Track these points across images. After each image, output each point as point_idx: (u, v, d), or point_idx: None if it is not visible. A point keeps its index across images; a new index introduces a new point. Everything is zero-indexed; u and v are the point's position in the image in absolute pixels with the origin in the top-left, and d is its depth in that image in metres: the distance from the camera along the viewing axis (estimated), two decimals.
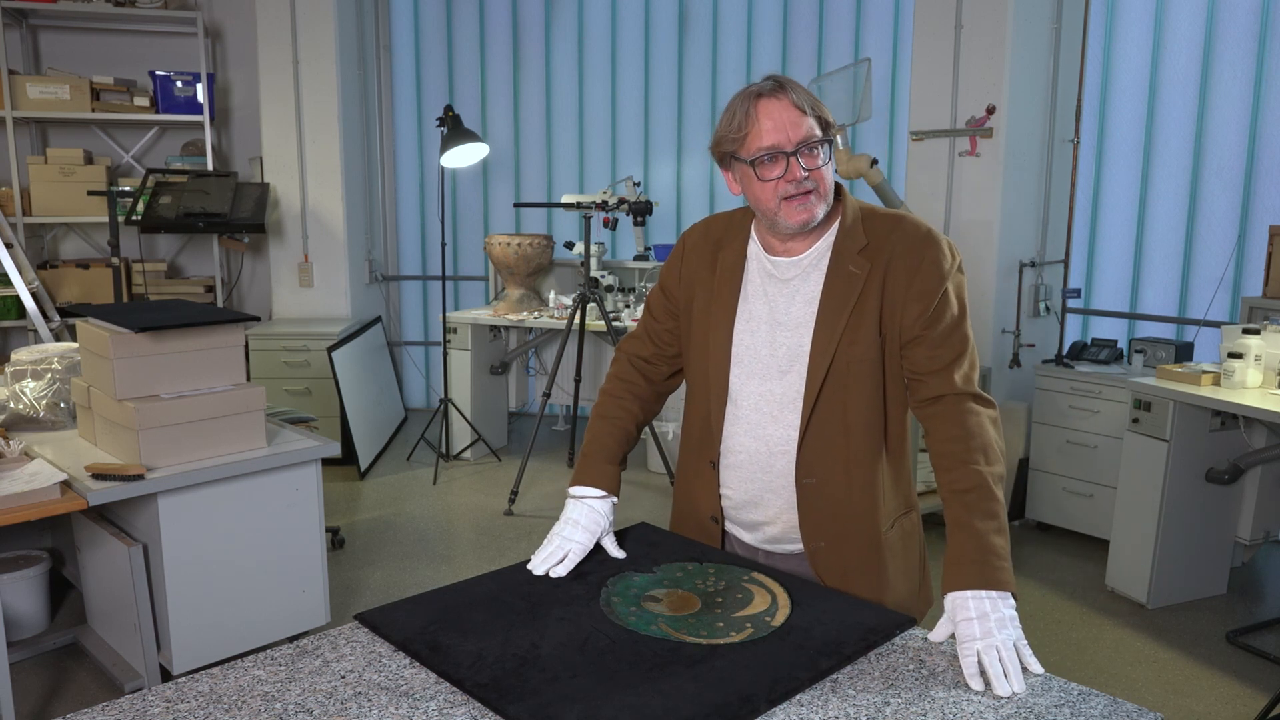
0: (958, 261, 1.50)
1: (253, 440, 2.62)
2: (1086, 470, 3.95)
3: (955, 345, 1.47)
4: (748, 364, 1.54)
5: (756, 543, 1.62)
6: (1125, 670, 2.99)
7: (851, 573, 1.53)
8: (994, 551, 1.34)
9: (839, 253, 1.49)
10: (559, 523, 1.55)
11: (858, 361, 1.47)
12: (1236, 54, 4.02)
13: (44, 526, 3.18)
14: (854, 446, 1.50)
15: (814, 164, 1.42)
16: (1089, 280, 4.61)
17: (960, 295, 1.49)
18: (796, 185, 1.42)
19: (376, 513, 4.35)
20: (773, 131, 1.40)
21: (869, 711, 1.13)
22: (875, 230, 1.50)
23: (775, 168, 1.42)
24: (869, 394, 1.49)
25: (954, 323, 1.47)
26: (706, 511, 1.63)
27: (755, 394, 1.53)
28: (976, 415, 1.45)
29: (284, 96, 5.28)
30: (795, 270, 1.52)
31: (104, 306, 2.74)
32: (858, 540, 1.53)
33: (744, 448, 1.55)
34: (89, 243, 5.54)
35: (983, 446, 1.42)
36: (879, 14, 5.12)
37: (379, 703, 1.13)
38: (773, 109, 1.41)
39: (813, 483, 1.51)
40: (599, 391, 1.72)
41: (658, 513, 4.34)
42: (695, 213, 5.68)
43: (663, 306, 1.67)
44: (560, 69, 5.77)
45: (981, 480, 1.40)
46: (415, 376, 6.28)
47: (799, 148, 1.41)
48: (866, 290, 1.47)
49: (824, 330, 1.47)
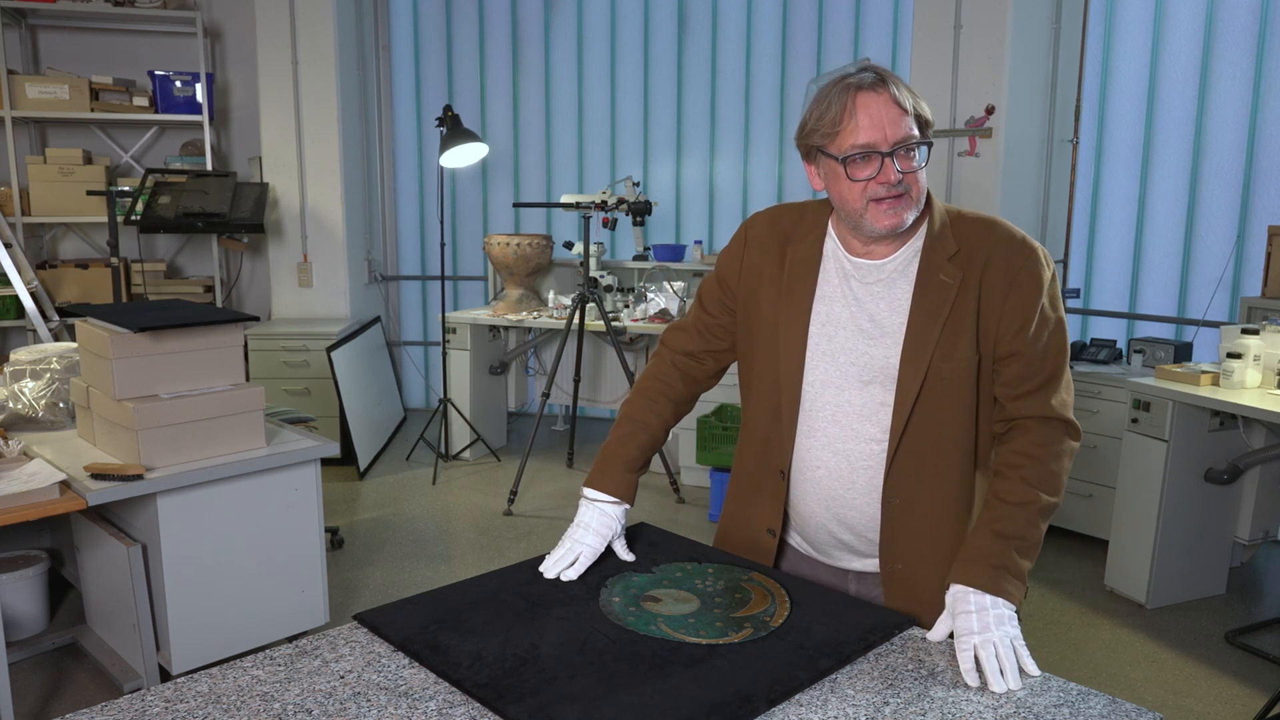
0: (1053, 271, 1.41)
1: (252, 440, 2.62)
2: (1086, 470, 3.95)
3: (1051, 363, 1.39)
4: (824, 370, 1.45)
5: (835, 562, 1.55)
6: (1124, 670, 2.99)
7: (926, 594, 1.43)
8: (1013, 568, 1.32)
9: (928, 259, 1.40)
10: (572, 525, 1.53)
11: (952, 377, 1.39)
12: (1236, 54, 4.02)
13: (43, 526, 3.18)
14: (945, 466, 1.43)
15: (910, 166, 1.34)
16: (1088, 280, 4.61)
17: (1057, 308, 1.41)
18: (889, 188, 1.34)
19: (376, 513, 4.35)
20: (869, 129, 1.32)
21: (868, 711, 1.13)
22: (966, 236, 1.41)
23: (868, 167, 1.33)
24: (962, 411, 1.42)
25: (1052, 339, 1.39)
26: (763, 524, 1.55)
27: (833, 404, 1.45)
28: (1058, 444, 1.39)
29: (283, 96, 5.28)
30: (879, 275, 1.43)
31: (103, 306, 2.74)
32: (940, 562, 1.43)
33: (822, 462, 1.47)
34: (88, 243, 5.54)
35: (1051, 474, 1.37)
36: (878, 14, 5.12)
37: (378, 703, 1.13)
38: (872, 104, 1.32)
39: (899, 503, 1.44)
40: (633, 388, 1.64)
41: (658, 513, 4.34)
42: (695, 213, 5.68)
43: (717, 300, 1.58)
44: (560, 69, 5.77)
45: (1032, 500, 1.35)
46: (414, 376, 6.28)
47: (896, 148, 1.32)
48: (960, 301, 1.38)
49: (916, 342, 1.39)
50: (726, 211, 5.59)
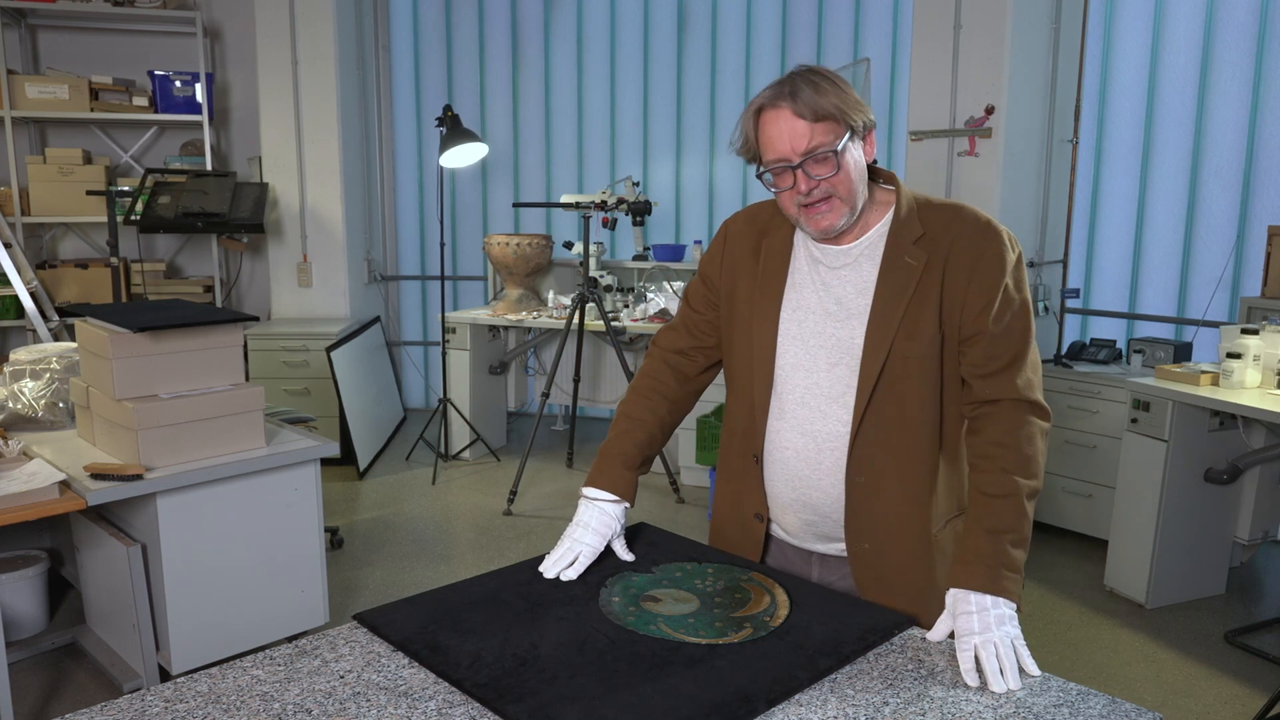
0: (1019, 254, 1.44)
1: (252, 440, 2.62)
2: (1085, 470, 3.95)
3: (1015, 343, 1.42)
4: (795, 354, 1.48)
5: (802, 543, 1.57)
6: (1124, 670, 2.99)
7: (894, 575, 1.48)
8: (1008, 563, 1.33)
9: (894, 243, 1.43)
10: (571, 524, 1.53)
11: (915, 357, 1.42)
12: (1235, 54, 4.02)
13: (43, 526, 3.18)
14: (908, 445, 1.45)
15: (824, 173, 1.36)
16: (1088, 280, 4.61)
17: (1022, 290, 1.43)
18: (806, 196, 1.38)
19: (375, 513, 4.35)
20: (776, 145, 1.36)
21: (868, 711, 1.13)
22: (932, 220, 1.44)
23: (785, 179, 1.38)
24: (926, 391, 1.44)
25: (1016, 319, 1.42)
26: (750, 509, 1.58)
27: (802, 386, 1.48)
28: (1029, 426, 1.40)
29: (283, 96, 5.28)
30: (846, 259, 1.46)
31: (103, 306, 2.74)
32: (906, 542, 1.47)
33: (790, 443, 1.49)
34: (88, 242, 5.54)
35: (1027, 458, 1.39)
36: (878, 14, 5.12)
37: (378, 703, 1.13)
38: (775, 121, 1.36)
39: (863, 482, 1.46)
40: (628, 388, 1.67)
41: (658, 513, 4.34)
42: (695, 212, 5.68)
43: (702, 297, 1.62)
44: (559, 68, 5.77)
45: (1015, 490, 1.37)
46: (414, 376, 6.28)
47: (805, 159, 1.35)
48: (924, 282, 1.41)
49: (879, 322, 1.42)
50: (726, 211, 5.58)
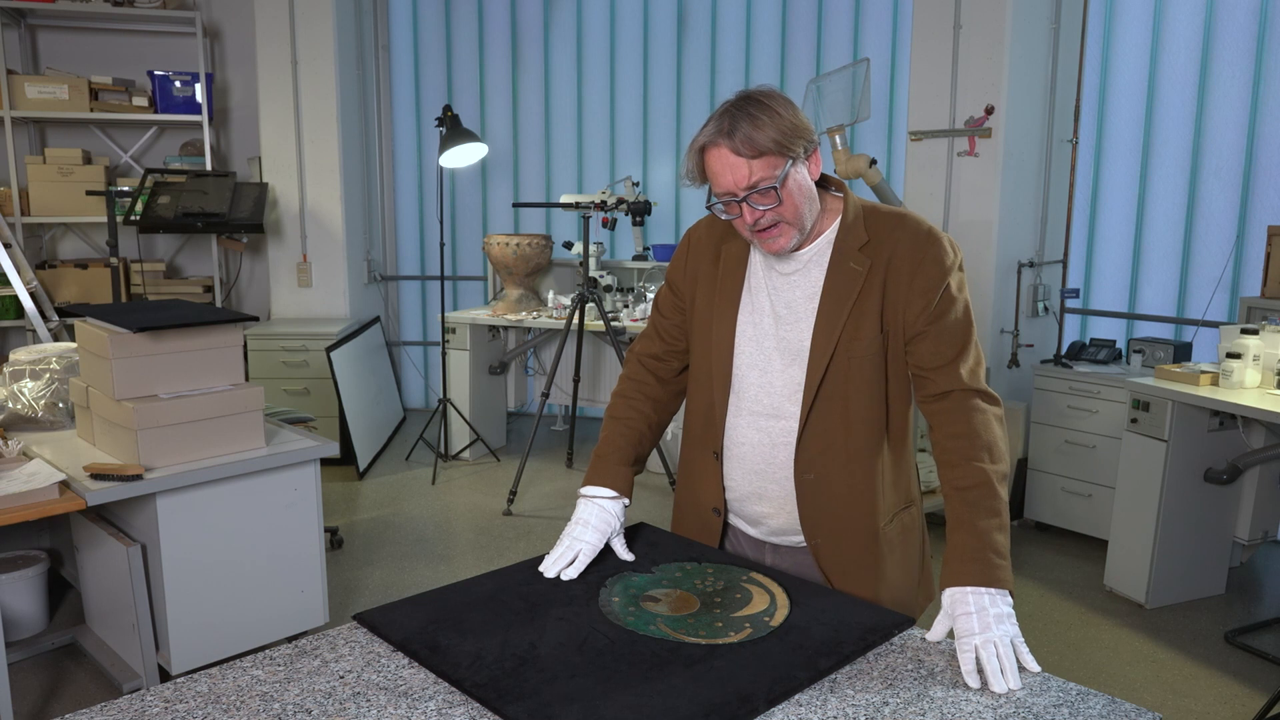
0: (959, 259, 1.51)
1: (251, 440, 2.62)
2: (1085, 470, 3.95)
3: (958, 339, 1.48)
4: (750, 355, 1.55)
5: (760, 535, 1.63)
6: (1124, 670, 2.99)
7: (849, 567, 1.55)
8: (995, 549, 1.35)
9: (840, 249, 1.50)
10: (570, 523, 1.55)
11: (859, 356, 1.48)
12: (1235, 54, 4.02)
13: (43, 526, 3.18)
14: (854, 441, 1.51)
15: (768, 204, 1.42)
16: (1087, 280, 4.61)
17: (962, 290, 1.51)
18: (754, 226, 1.44)
19: (375, 513, 4.35)
20: (720, 180, 1.43)
21: (868, 711, 1.13)
22: (877, 228, 1.51)
23: (734, 209, 1.45)
24: (870, 389, 1.50)
25: (957, 317, 1.48)
26: (709, 503, 1.64)
27: (757, 385, 1.55)
28: (982, 413, 1.46)
29: (283, 96, 5.28)
30: (796, 264, 1.53)
31: (102, 306, 2.74)
32: (856, 535, 1.54)
33: (746, 439, 1.56)
34: (87, 243, 5.53)
35: (987, 444, 1.43)
36: (878, 14, 5.12)
37: (378, 703, 1.13)
38: (717, 159, 1.42)
39: (811, 478, 1.52)
40: (612, 394, 1.73)
41: (657, 512, 4.34)
42: (694, 212, 5.68)
43: (670, 303, 1.70)
44: (559, 69, 5.77)
45: (984, 478, 1.41)
46: (414, 376, 6.28)
47: (748, 193, 1.42)
48: (868, 286, 1.48)
49: (824, 324, 1.49)
50: None
